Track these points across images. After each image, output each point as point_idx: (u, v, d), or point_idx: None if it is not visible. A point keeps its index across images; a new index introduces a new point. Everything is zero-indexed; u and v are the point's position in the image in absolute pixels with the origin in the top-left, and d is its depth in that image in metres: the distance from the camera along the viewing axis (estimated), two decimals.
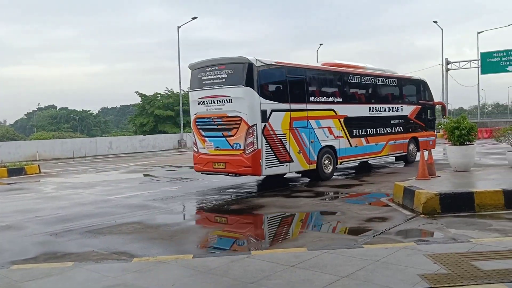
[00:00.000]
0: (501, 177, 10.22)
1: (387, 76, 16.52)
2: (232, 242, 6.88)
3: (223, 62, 11.85)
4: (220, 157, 11.72)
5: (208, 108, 11.91)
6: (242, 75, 11.35)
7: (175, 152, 30.34)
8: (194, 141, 12.56)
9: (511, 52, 35.45)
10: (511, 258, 4.86)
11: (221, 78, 11.71)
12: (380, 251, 5.36)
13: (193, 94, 12.52)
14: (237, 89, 11.34)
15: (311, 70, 13.50)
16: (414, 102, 17.72)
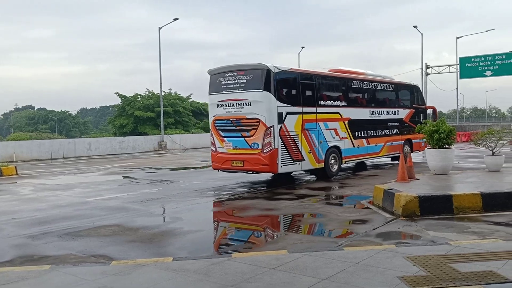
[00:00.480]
0: (479, 180, 10.38)
1: (385, 82, 17.76)
2: (212, 245, 6.84)
3: (242, 68, 12.80)
4: (238, 156, 12.69)
5: (227, 110, 12.88)
6: (261, 80, 12.31)
7: (155, 154, 30.10)
8: (212, 141, 13.51)
9: (489, 57, 36.04)
10: (489, 260, 4.92)
11: (240, 83, 12.65)
12: (360, 253, 5.38)
13: (212, 97, 13.39)
14: (256, 93, 12.30)
15: (320, 76, 14.50)
16: (408, 106, 18.85)
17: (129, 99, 48.80)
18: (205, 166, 19.82)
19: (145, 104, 47.17)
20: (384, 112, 17.15)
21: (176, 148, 35.08)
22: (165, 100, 45.23)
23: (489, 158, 12.20)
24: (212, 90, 13.45)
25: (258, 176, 15.01)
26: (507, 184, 9.63)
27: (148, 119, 46.76)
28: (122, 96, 49.38)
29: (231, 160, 12.85)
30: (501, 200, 8.41)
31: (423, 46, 42.68)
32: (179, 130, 44.31)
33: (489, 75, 36.10)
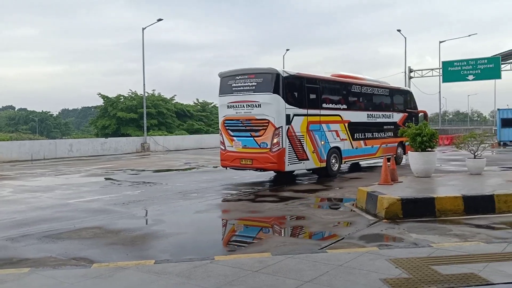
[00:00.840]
0: (461, 183, 10.49)
1: (381, 87, 18.81)
2: (195, 247, 6.77)
3: (253, 72, 13.65)
4: (247, 155, 13.51)
5: (237, 111, 13.70)
6: (271, 83, 13.13)
7: (138, 156, 29.84)
8: (222, 140, 14.32)
9: (471, 61, 36.55)
10: (470, 263, 4.95)
11: (250, 86, 13.49)
12: (343, 255, 5.38)
13: (222, 99, 14.26)
14: (266, 95, 13.13)
15: (323, 80, 15.46)
16: (402, 110, 19.89)
17: (112, 100, 48.36)
18: (188, 168, 19.74)
19: (128, 105, 46.78)
20: (380, 115, 18.12)
21: (159, 150, 34.84)
22: (149, 101, 44.93)
23: (471, 161, 12.35)
24: (222, 92, 14.29)
25: (243, 178, 15.00)
26: (488, 187, 9.75)
27: (131, 120, 46.39)
28: (105, 96, 48.91)
29: (240, 158, 13.70)
30: (482, 203, 8.51)
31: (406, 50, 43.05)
32: (162, 132, 44.04)
33: (471, 79, 36.60)
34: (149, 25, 35.08)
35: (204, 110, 56.41)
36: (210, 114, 56.22)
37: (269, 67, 13.39)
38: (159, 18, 34.32)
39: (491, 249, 5.53)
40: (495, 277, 4.47)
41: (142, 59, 35.15)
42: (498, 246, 5.63)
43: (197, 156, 28.20)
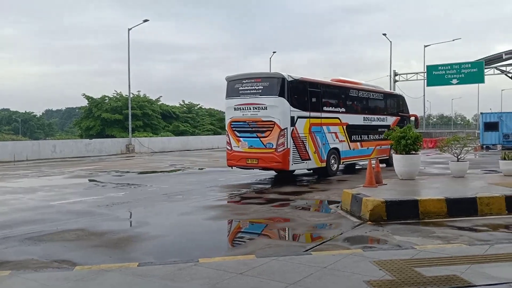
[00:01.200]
0: (444, 186, 10.60)
1: (376, 91, 19.74)
2: (180, 250, 6.74)
3: (259, 76, 14.46)
4: (253, 154, 14.22)
5: (244, 113, 14.38)
6: (277, 87, 13.93)
7: (122, 157, 29.61)
8: (228, 140, 14.94)
9: (455, 66, 36.95)
10: (453, 265, 5.00)
11: (257, 89, 14.22)
12: (328, 257, 5.39)
13: (229, 101, 14.87)
14: (272, 98, 13.89)
15: (324, 84, 16.33)
16: (395, 113, 20.71)
17: (97, 100, 47.99)
18: (173, 170, 19.64)
19: (113, 106, 46.46)
20: (375, 118, 18.99)
21: (144, 152, 34.63)
22: (134, 102, 44.66)
23: (454, 164, 12.49)
24: (229, 95, 14.96)
25: (229, 180, 14.98)
26: (471, 190, 9.86)
27: (116, 122, 46.05)
28: (89, 97, 48.51)
29: (246, 158, 14.41)
30: (465, 205, 8.60)
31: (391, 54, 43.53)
32: (147, 133, 43.81)
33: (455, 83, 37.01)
34: (135, 25, 34.92)
35: (190, 111, 56.26)
36: (196, 115, 56.10)
37: (275, 72, 14.40)
38: (145, 19, 34.17)
39: (474, 251, 5.59)
40: (477, 279, 4.52)
41: (128, 60, 34.98)
42: (480, 248, 5.69)
43: (183, 158, 28.08)
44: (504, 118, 32.67)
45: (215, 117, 58.66)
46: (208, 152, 35.25)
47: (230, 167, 15.58)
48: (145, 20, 34.23)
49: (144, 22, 34.30)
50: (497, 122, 32.70)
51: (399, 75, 41.38)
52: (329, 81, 17.29)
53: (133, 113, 40.56)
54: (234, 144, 14.73)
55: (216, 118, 58.27)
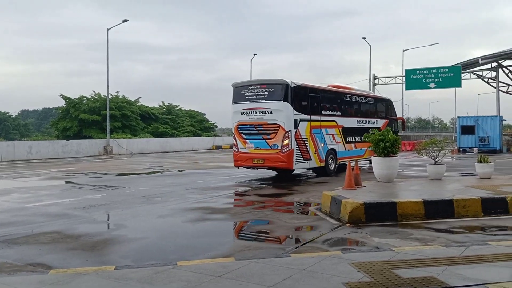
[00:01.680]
0: (422, 188, 10.72)
1: (368, 96, 21.21)
2: (158, 253, 6.66)
3: (264, 82, 15.56)
4: (259, 155, 15.22)
5: (250, 117, 15.44)
6: (281, 92, 15.03)
7: (100, 159, 29.24)
8: (235, 142, 16.04)
9: (433, 70, 37.44)
10: (430, 266, 5.04)
11: (263, 95, 15.28)
12: (307, 260, 5.39)
13: (236, 106, 15.92)
14: (277, 103, 15.00)
15: (323, 90, 17.57)
16: (384, 117, 22.09)
17: (74, 101, 47.27)
18: (152, 172, 19.46)
19: (91, 106, 45.83)
20: (367, 121, 20.17)
21: (123, 153, 34.27)
22: (112, 103, 44.16)
23: (432, 167, 12.66)
24: (235, 100, 16.01)
25: (208, 182, 14.91)
26: (448, 192, 10.00)
27: (94, 123, 45.44)
28: (67, 98, 47.75)
29: (253, 158, 15.39)
30: (442, 207, 8.72)
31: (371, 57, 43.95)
32: (126, 135, 43.29)
33: (433, 87, 37.50)
34: (114, 25, 34.59)
35: (169, 113, 55.86)
36: (176, 117, 55.68)
37: (279, 79, 15.27)
38: (124, 19, 33.90)
39: (450, 252, 5.65)
40: (453, 280, 4.57)
41: (106, 60, 34.62)
42: (457, 250, 5.76)
43: (162, 159, 27.87)
44: (480, 122, 33.25)
45: (195, 118, 58.30)
46: (188, 154, 35.06)
47: (237, 167, 16.61)
48: (124, 20, 33.92)
49: (123, 22, 33.99)
50: (473, 126, 33.27)
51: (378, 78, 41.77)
52: (327, 86, 18.52)
53: (111, 114, 40.10)
54: (240, 145, 15.74)
55: (196, 120, 57.92)
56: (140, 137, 43.47)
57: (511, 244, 6.18)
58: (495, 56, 36.42)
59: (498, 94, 36.42)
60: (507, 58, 37.21)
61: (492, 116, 33.90)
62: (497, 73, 36.51)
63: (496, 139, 32.50)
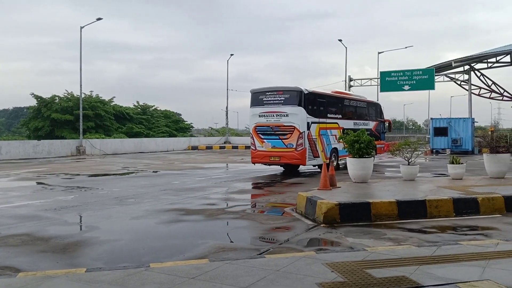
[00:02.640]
0: (396, 189, 10.85)
1: (362, 100, 23.39)
2: (130, 255, 6.55)
3: (281, 89, 17.61)
4: (276, 153, 17.23)
5: (267, 119, 17.50)
6: (296, 98, 17.14)
7: (73, 159, 28.73)
8: (253, 142, 18.03)
9: (407, 72, 37.94)
10: (402, 266, 5.09)
11: (279, 100, 17.38)
12: (281, 260, 5.37)
13: (254, 109, 17.98)
14: (292, 107, 17.09)
15: (328, 96, 19.83)
16: (375, 119, 24.50)
17: (46, 100, 46.30)
18: (126, 173, 19.21)
19: (64, 106, 44.96)
20: (361, 123, 22.23)
21: (96, 154, 33.75)
22: (85, 102, 43.45)
23: (405, 167, 12.82)
24: (254, 104, 18.02)
25: (184, 183, 14.79)
26: (421, 192, 10.14)
27: (66, 122, 44.61)
28: (39, 97, 46.74)
29: (270, 156, 17.37)
30: (415, 208, 8.83)
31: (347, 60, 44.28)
32: (99, 135, 42.62)
33: (407, 89, 38.00)
34: (88, 24, 34.04)
35: (144, 113, 55.25)
36: (151, 117, 55.10)
37: (295, 86, 17.40)
38: (98, 17, 33.37)
39: (422, 252, 5.71)
40: (424, 279, 4.61)
41: (80, 59, 34.00)
42: (429, 250, 5.83)
43: (136, 160, 27.55)
44: (453, 124, 33.87)
45: (171, 119, 57.80)
46: (163, 154, 34.76)
47: (253, 164, 18.54)
48: (98, 19, 33.43)
49: (97, 20, 33.49)
50: (446, 128, 33.86)
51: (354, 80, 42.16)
52: (331, 92, 20.68)
53: (84, 114, 39.47)
54: (258, 144, 17.71)
55: (172, 120, 57.43)
56: (114, 137, 42.86)
57: (481, 244, 6.29)
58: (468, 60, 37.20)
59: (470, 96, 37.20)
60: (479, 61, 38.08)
61: (464, 118, 34.57)
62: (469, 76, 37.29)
63: (468, 140, 33.15)
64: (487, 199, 9.29)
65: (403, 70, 38.31)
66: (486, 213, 9.06)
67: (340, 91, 22.44)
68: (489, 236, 7.30)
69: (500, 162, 13.20)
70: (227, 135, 50.89)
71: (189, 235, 7.83)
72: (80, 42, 33.77)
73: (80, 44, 33.79)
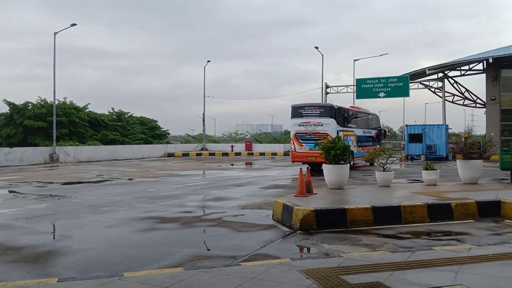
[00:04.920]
0: (371, 195, 10.95)
1: (367, 113, 29.96)
2: (104, 264, 6.43)
3: (317, 105, 24.18)
4: (312, 154, 21.44)
5: (306, 128, 23.01)
6: (330, 112, 22.97)
7: (46, 167, 28.18)
8: (293, 145, 23.46)
9: (383, 79, 38.36)
10: (377, 272, 5.12)
11: (315, 113, 23.06)
12: (257, 268, 5.35)
13: (294, 120, 23.52)
14: (326, 119, 22.68)
15: (348, 109, 26.32)
16: (374, 128, 30.70)
17: (19, 107, 45.33)
18: (100, 181, 18.92)
19: (37, 113, 44.10)
20: (367, 131, 28.67)
21: (70, 161, 33.19)
22: (59, 109, 42.72)
23: (380, 174, 12.96)
24: (294, 116, 23.59)
25: (159, 191, 14.64)
26: (396, 198, 10.25)
27: (39, 129, 43.76)
28: (11, 103, 45.73)
29: (307, 156, 22.35)
30: (390, 213, 8.93)
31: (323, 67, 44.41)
32: (73, 142, 41.90)
33: (382, 96, 38.41)
34: (62, 29, 33.57)
35: (120, 120, 54.57)
36: (126, 124, 54.43)
37: (328, 103, 24.36)
38: (72, 23, 32.94)
39: (396, 258, 5.76)
40: (399, 285, 4.65)
41: (53, 65, 33.47)
42: (403, 255, 5.88)
43: (111, 167, 27.19)
44: (427, 130, 34.39)
45: (147, 125, 57.22)
46: (138, 161, 34.39)
47: (293, 163, 24.06)
48: (72, 24, 32.99)
49: (71, 26, 33.05)
50: (421, 134, 34.36)
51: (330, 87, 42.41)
52: (349, 107, 27.41)
53: (58, 121, 38.81)
54: (297, 147, 22.98)
55: (147, 127, 56.86)
56: (88, 144, 42.20)
57: (454, 249, 6.38)
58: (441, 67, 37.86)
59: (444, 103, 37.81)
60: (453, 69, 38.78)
61: (439, 125, 35.14)
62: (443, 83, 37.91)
63: (442, 147, 33.69)
64: (461, 205, 9.44)
65: (379, 78, 38.73)
66: (460, 219, 9.21)
67: (354, 106, 29.86)
68: (462, 241, 7.41)
69: (473, 168, 13.45)
70: (204, 142, 50.66)
71: (164, 243, 7.74)
72: (54, 48, 33.28)
73: (54, 50, 33.29)
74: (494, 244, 6.75)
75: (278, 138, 61.14)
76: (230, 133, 72.10)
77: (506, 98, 35.52)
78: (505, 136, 35.56)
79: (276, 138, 61.50)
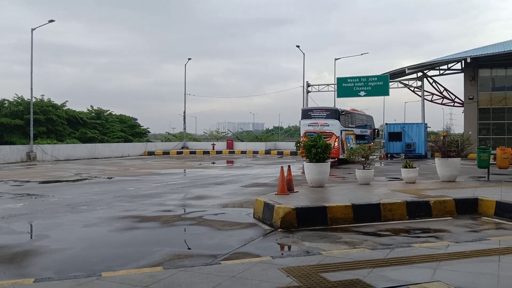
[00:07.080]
0: (351, 193, 11.01)
1: (364, 114, 34.85)
2: (82, 264, 6.33)
3: (324, 108, 28.38)
4: None
5: (314, 128, 26.66)
6: (335, 114, 27.24)
7: (23, 166, 27.69)
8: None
9: (363, 78, 38.57)
10: (356, 269, 5.14)
11: (322, 115, 27.31)
12: (237, 266, 5.32)
13: (304, 121, 27.79)
14: (332, 120, 26.86)
15: (349, 112, 30.36)
16: (370, 128, 35.16)
17: None
18: (79, 179, 18.67)
19: (13, 110, 43.29)
20: (364, 131, 32.90)
21: (48, 160, 32.69)
22: (36, 107, 42.01)
23: (360, 172, 13.05)
24: (304, 117, 27.88)
25: (139, 189, 14.50)
26: (376, 196, 10.33)
27: (16, 127, 42.96)
28: None
29: None
30: (370, 211, 8.99)
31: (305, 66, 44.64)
32: (51, 140, 41.22)
33: (362, 95, 38.62)
34: (39, 26, 33.02)
35: (99, 117, 53.89)
36: (105, 122, 53.77)
37: (334, 106, 30.03)
38: (50, 19, 32.44)
39: (376, 255, 5.80)
40: (378, 282, 4.67)
41: (31, 62, 32.92)
42: (382, 252, 5.92)
43: (90, 166, 26.86)
44: (407, 129, 34.79)
45: (126, 123, 56.60)
46: (118, 160, 34.05)
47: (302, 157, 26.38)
48: (50, 21, 32.49)
49: (49, 22, 32.54)
50: (400, 133, 34.74)
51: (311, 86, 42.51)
52: (350, 110, 31.15)
53: (35, 119, 38.19)
54: None
55: (127, 125, 56.26)
56: (66, 142, 41.58)
57: (433, 246, 6.45)
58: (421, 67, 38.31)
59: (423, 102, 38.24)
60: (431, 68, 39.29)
61: (418, 124, 35.56)
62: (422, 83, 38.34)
63: (421, 145, 34.12)
64: (439, 202, 9.56)
65: (359, 76, 38.95)
66: (438, 216, 9.33)
67: (354, 108, 33.19)
68: (440, 238, 7.51)
69: (451, 166, 13.64)
70: (185, 140, 50.41)
71: (144, 242, 7.66)
72: (31, 45, 32.72)
73: (31, 47, 32.74)
74: (472, 241, 6.84)
75: (259, 137, 61.10)
76: (211, 131, 71.79)
77: (483, 97, 36.16)
78: (482, 134, 36.19)
79: (258, 137, 61.44)
